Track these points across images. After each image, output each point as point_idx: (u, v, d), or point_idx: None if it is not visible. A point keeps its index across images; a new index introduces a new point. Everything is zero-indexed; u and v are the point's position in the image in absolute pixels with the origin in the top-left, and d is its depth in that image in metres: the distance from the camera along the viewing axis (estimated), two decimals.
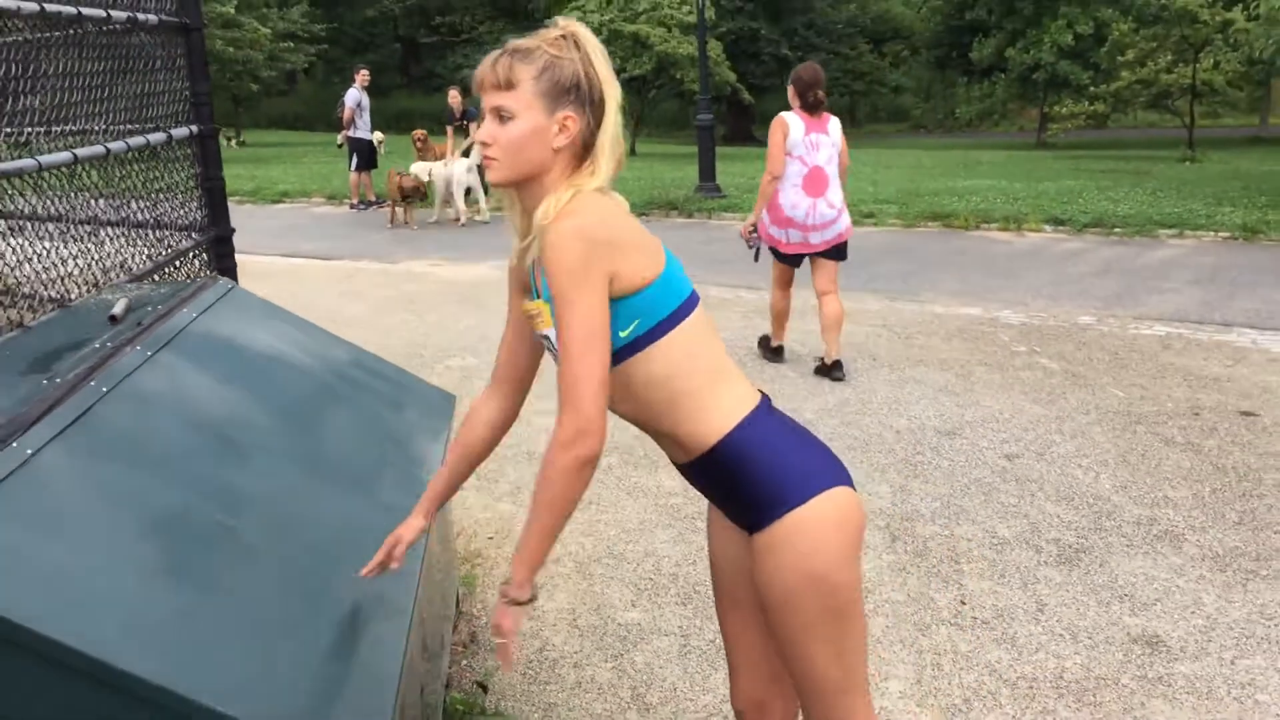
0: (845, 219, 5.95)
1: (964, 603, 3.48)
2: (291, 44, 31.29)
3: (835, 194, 5.85)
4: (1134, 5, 27.30)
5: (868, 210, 12.21)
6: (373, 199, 14.47)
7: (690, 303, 1.83)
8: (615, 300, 1.73)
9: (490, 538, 4.03)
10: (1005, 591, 3.55)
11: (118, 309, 2.69)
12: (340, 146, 14.89)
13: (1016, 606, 3.45)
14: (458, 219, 12.83)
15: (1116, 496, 4.29)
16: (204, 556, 1.89)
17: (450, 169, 12.68)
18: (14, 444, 1.83)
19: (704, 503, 2.02)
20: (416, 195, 12.64)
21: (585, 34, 1.80)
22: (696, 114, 14.82)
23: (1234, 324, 7.08)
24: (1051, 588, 3.57)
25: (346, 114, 13.99)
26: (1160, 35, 25.00)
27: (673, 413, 1.80)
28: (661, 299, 1.78)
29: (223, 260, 4.63)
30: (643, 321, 1.76)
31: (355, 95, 13.99)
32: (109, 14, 3.69)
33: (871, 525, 4.04)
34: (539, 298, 1.82)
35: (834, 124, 5.93)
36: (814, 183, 5.77)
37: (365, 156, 14.20)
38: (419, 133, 13.72)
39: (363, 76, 14.24)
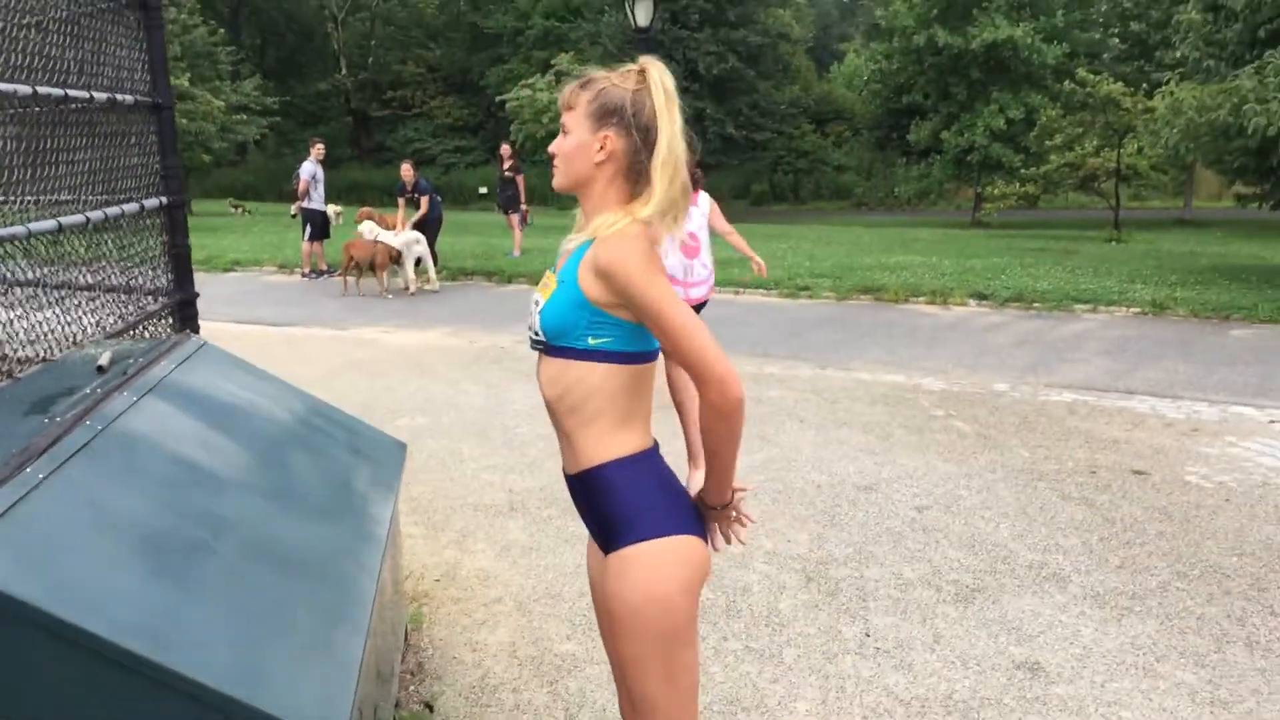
0: (712, 280, 6.82)
1: (868, 635, 3.84)
2: (244, 116, 31.71)
3: (707, 256, 6.76)
4: (1062, 91, 28.61)
5: (804, 283, 12.75)
6: (324, 268, 14.77)
7: (651, 355, 2.14)
8: (613, 316, 2.05)
9: (437, 580, 4.32)
10: (906, 625, 3.91)
11: (104, 360, 3.00)
12: (294, 217, 15.23)
13: (915, 638, 3.81)
14: (407, 288, 13.18)
15: (1013, 544, 4.69)
16: (187, 567, 2.19)
17: (401, 239, 13.05)
18: (28, 470, 2.14)
19: None
20: (396, 261, 13.07)
21: (655, 71, 2.10)
22: None
23: (1136, 392, 7.59)
24: (948, 622, 3.94)
25: (302, 186, 14.37)
26: (1086, 121, 26.20)
27: (586, 422, 2.10)
28: (638, 339, 2.09)
29: (187, 322, 4.93)
30: (615, 343, 2.06)
31: (310, 168, 14.39)
32: (91, 95, 4.04)
33: (788, 569, 4.39)
34: (556, 273, 2.13)
35: (703, 197, 6.88)
36: (688, 247, 6.71)
37: (319, 227, 14.55)
38: (365, 211, 14.07)
39: (318, 150, 14.67)
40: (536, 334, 2.13)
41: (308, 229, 14.54)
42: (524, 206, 16.98)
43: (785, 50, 40.85)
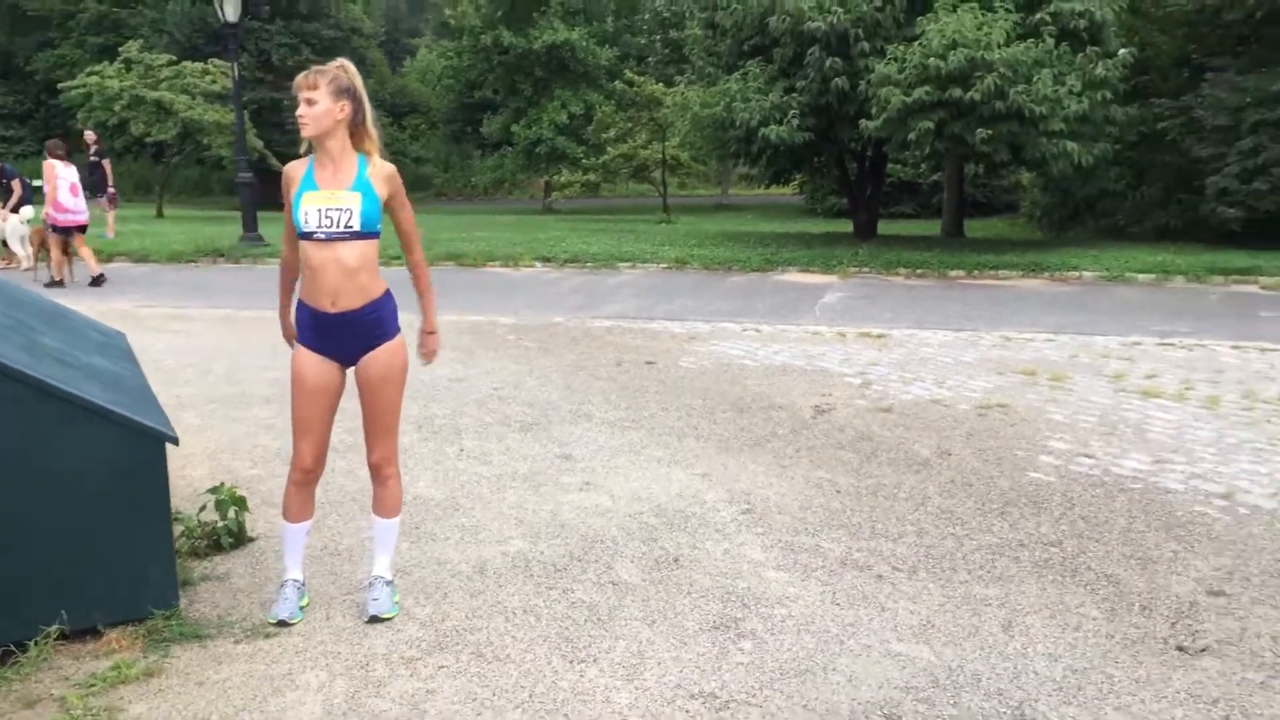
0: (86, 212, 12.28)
1: (463, 450, 5.75)
2: None
3: (82, 199, 12.14)
4: (615, 90, 32.18)
5: (395, 253, 14.40)
6: None
7: None
8: (382, 211, 3.61)
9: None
10: (487, 444, 5.87)
11: None
12: None
13: (494, 450, 5.77)
14: (25, 266, 13.37)
15: (560, 402, 6.80)
16: (53, 361, 3.65)
17: (5, 224, 13.26)
18: None
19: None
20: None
21: (351, 66, 3.57)
22: (238, 173, 16.31)
23: (656, 318, 10.11)
24: (515, 441, 5.94)
25: None
26: (636, 117, 29.79)
27: (371, 275, 3.61)
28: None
29: None
30: (379, 225, 3.62)
31: None
32: None
33: (406, 424, 6.19)
34: (345, 191, 3.53)
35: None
36: (75, 190, 12.09)
37: None
38: None
39: None
40: (348, 227, 3.51)
41: None
42: (111, 189, 17.28)
43: (359, 44, 41.77)
